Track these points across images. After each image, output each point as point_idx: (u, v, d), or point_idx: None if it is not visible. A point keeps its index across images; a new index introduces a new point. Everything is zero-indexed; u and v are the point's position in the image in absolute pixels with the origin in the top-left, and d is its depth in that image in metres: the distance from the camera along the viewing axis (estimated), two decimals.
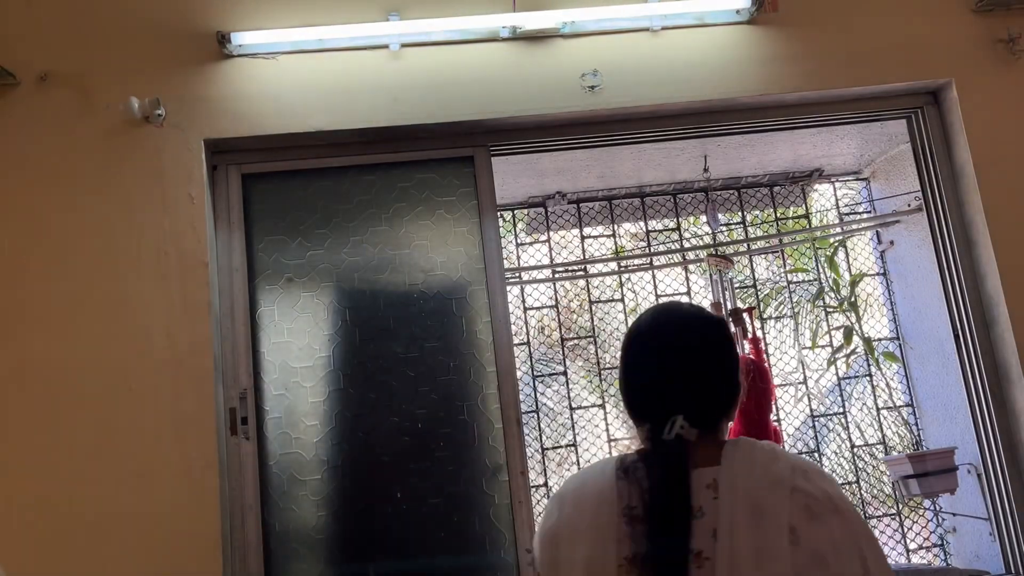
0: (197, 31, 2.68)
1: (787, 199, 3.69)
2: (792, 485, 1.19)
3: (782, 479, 1.20)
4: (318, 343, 2.61)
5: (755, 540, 1.16)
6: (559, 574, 1.27)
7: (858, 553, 1.15)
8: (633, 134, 2.86)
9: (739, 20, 2.82)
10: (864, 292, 3.66)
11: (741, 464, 1.24)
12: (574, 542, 1.25)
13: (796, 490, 1.18)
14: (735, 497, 1.20)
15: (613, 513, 1.22)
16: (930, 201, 2.93)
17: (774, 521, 1.17)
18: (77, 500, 2.36)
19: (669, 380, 1.33)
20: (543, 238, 3.57)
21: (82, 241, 2.52)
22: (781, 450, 1.30)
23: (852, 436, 3.58)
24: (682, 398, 1.30)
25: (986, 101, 2.83)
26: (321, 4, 2.71)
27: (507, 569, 2.48)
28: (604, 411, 3.53)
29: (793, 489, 1.18)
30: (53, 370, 2.44)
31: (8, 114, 2.59)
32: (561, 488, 1.34)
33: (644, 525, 1.20)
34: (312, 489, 2.52)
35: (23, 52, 2.62)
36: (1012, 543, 2.71)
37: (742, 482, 1.21)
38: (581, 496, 1.29)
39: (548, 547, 1.28)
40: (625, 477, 1.26)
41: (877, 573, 1.14)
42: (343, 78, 2.68)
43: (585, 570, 1.22)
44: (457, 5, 2.72)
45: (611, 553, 1.20)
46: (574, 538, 1.25)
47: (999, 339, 2.73)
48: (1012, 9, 2.88)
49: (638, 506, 1.22)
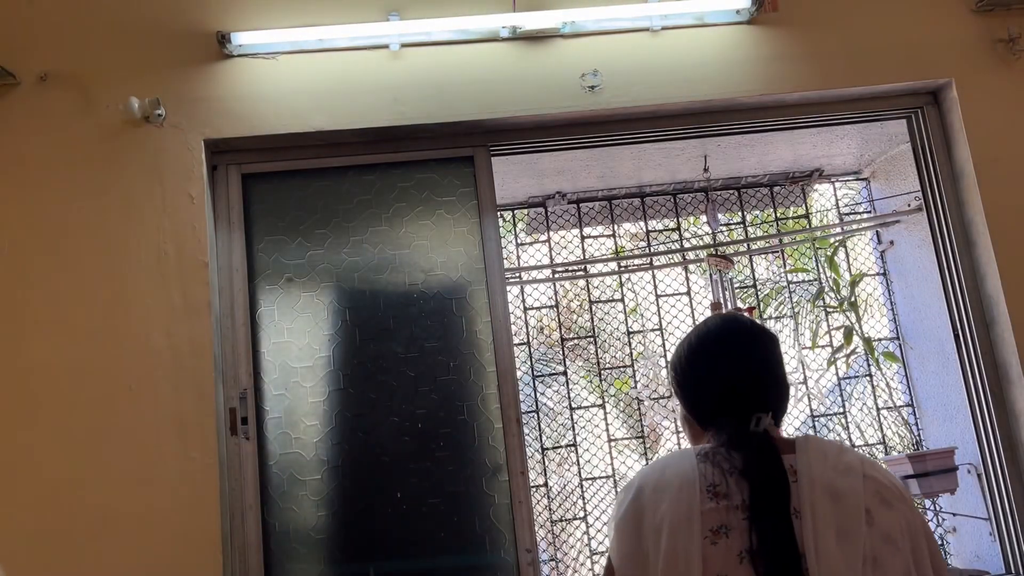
0: (197, 31, 2.68)
1: (787, 199, 3.69)
2: (863, 472, 1.30)
3: (854, 466, 1.31)
4: (318, 343, 2.61)
5: (836, 520, 1.26)
6: (641, 560, 1.29)
7: (923, 538, 1.28)
8: (633, 134, 2.86)
9: (739, 20, 2.82)
10: (864, 292, 3.66)
11: (815, 453, 1.34)
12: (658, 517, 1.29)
13: (867, 477, 1.30)
14: (812, 481, 1.29)
15: (695, 491, 1.29)
16: (930, 201, 2.93)
17: (852, 502, 1.27)
18: (77, 500, 2.36)
19: (753, 381, 1.45)
20: (543, 238, 3.57)
21: (82, 241, 2.52)
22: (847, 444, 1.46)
23: (852, 436, 3.58)
24: (763, 398, 1.43)
25: (986, 101, 2.83)
26: (321, 4, 2.71)
27: (507, 569, 2.48)
28: (604, 411, 3.53)
29: (864, 476, 1.30)
30: (53, 370, 2.44)
31: (8, 114, 2.59)
32: (636, 480, 1.37)
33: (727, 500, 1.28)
34: (312, 489, 2.52)
35: (23, 52, 2.62)
36: (1012, 543, 2.71)
37: (818, 468, 1.31)
38: (662, 481, 1.33)
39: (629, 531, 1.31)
40: (707, 461, 1.33)
41: (936, 556, 1.29)
42: (343, 78, 2.68)
43: (670, 544, 1.26)
44: (457, 5, 2.72)
45: (696, 525, 1.27)
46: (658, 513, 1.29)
47: (999, 339, 2.73)
48: (1012, 9, 2.88)
49: (722, 484, 1.30)
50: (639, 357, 3.62)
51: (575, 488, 3.39)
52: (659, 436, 4.09)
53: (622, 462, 3.65)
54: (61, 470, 2.38)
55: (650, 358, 3.57)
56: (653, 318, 3.56)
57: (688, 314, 3.53)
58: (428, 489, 2.52)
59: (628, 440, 3.91)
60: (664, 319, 3.51)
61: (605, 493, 3.42)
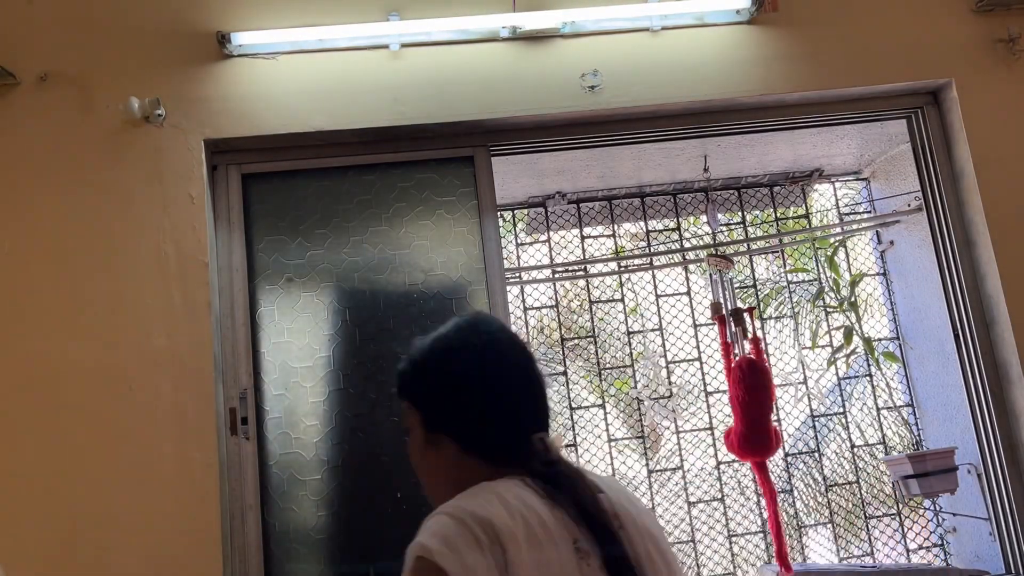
0: (197, 31, 2.68)
1: (787, 199, 3.69)
2: (642, 505, 1.21)
3: (637, 500, 1.21)
4: (318, 343, 2.61)
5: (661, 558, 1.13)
6: None
7: None
8: (633, 134, 2.86)
9: (739, 20, 2.82)
10: (864, 292, 3.66)
11: (617, 490, 1.19)
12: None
13: (644, 509, 1.21)
14: (637, 528, 1.13)
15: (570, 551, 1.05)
16: (930, 201, 2.93)
17: (658, 535, 1.16)
18: (77, 500, 2.36)
19: (537, 397, 1.19)
20: (543, 238, 3.57)
21: (82, 241, 2.52)
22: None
23: (852, 436, 3.58)
24: (544, 415, 1.20)
25: (986, 101, 2.83)
26: (321, 4, 2.71)
27: None
28: (604, 411, 3.53)
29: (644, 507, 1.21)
30: (53, 370, 2.44)
31: (8, 114, 2.59)
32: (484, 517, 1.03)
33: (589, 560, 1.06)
34: (312, 489, 2.52)
35: (23, 52, 2.62)
36: (1012, 543, 2.71)
37: (633, 509, 1.16)
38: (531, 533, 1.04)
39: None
40: (557, 507, 1.08)
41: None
42: (343, 78, 2.68)
43: None
44: (457, 5, 2.72)
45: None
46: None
47: (999, 339, 2.73)
48: (1012, 9, 2.88)
49: (579, 539, 1.07)
50: (639, 357, 3.62)
51: None
52: (659, 436, 4.09)
53: (622, 462, 3.65)
54: (61, 470, 2.38)
55: (650, 358, 3.57)
56: (653, 318, 3.56)
57: (688, 314, 3.53)
58: None
59: (628, 440, 3.91)
60: (664, 319, 3.51)
61: None
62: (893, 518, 3.40)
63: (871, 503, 3.58)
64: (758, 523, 3.50)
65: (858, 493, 3.50)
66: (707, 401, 3.47)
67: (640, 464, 3.65)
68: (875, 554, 3.37)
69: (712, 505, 3.44)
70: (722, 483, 3.44)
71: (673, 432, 3.52)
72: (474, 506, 1.05)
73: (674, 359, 3.53)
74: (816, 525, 3.76)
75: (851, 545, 3.55)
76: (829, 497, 3.56)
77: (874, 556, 3.37)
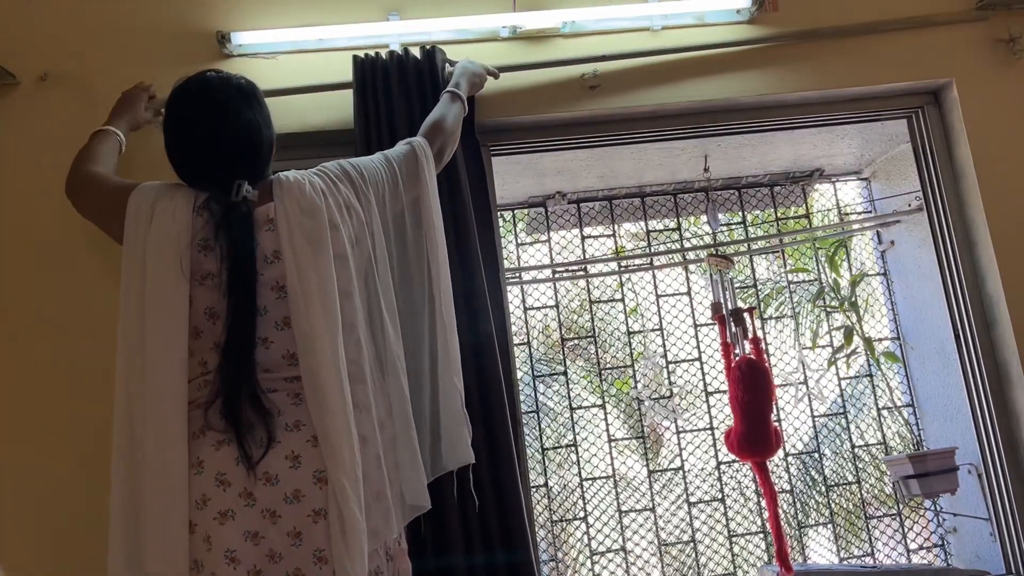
0: (197, 31, 2.68)
1: (787, 199, 3.69)
2: (325, 202, 1.59)
3: (320, 208, 1.57)
4: None
5: (318, 270, 1.51)
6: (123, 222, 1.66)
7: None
8: (633, 134, 2.86)
9: (739, 20, 2.82)
10: (864, 292, 3.65)
11: (290, 201, 1.56)
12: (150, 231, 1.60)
13: (328, 195, 1.62)
14: (291, 229, 1.54)
15: (187, 234, 1.55)
16: (930, 201, 2.93)
17: (321, 224, 1.55)
18: (77, 500, 2.35)
19: (229, 142, 1.61)
20: (543, 238, 3.57)
21: (82, 241, 2.52)
22: (314, 178, 1.65)
23: (852, 436, 3.57)
24: (242, 160, 1.60)
25: (986, 101, 2.83)
26: (321, 4, 2.71)
27: None
28: (604, 411, 3.53)
29: (326, 199, 1.60)
30: (53, 370, 2.44)
31: (8, 114, 2.60)
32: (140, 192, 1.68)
33: (213, 253, 1.53)
34: None
35: (23, 52, 2.62)
36: (1012, 543, 2.71)
37: (294, 216, 1.54)
38: (164, 202, 1.62)
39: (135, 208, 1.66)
40: (202, 213, 1.58)
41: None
42: (343, 78, 2.67)
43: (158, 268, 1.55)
44: (457, 5, 2.72)
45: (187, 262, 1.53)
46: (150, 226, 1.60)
47: (999, 339, 2.73)
48: (1012, 9, 2.88)
49: (211, 240, 1.54)
50: (639, 357, 3.61)
51: (575, 488, 3.39)
52: (660, 436, 4.09)
53: (622, 462, 3.65)
54: (61, 470, 2.38)
55: (650, 358, 3.57)
56: (653, 318, 3.56)
57: (688, 314, 3.53)
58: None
59: (628, 440, 3.91)
60: (664, 319, 3.51)
61: (605, 493, 3.42)
62: (893, 518, 3.40)
63: (871, 503, 3.58)
64: (758, 523, 3.50)
65: (858, 493, 3.50)
66: (707, 401, 3.47)
67: (640, 464, 3.65)
68: (875, 554, 3.37)
69: (712, 505, 3.44)
70: (722, 483, 3.44)
71: (674, 433, 3.52)
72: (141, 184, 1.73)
73: (674, 359, 3.52)
74: (816, 525, 3.76)
75: (851, 545, 3.55)
76: (829, 497, 3.56)
77: (874, 556, 3.37)
